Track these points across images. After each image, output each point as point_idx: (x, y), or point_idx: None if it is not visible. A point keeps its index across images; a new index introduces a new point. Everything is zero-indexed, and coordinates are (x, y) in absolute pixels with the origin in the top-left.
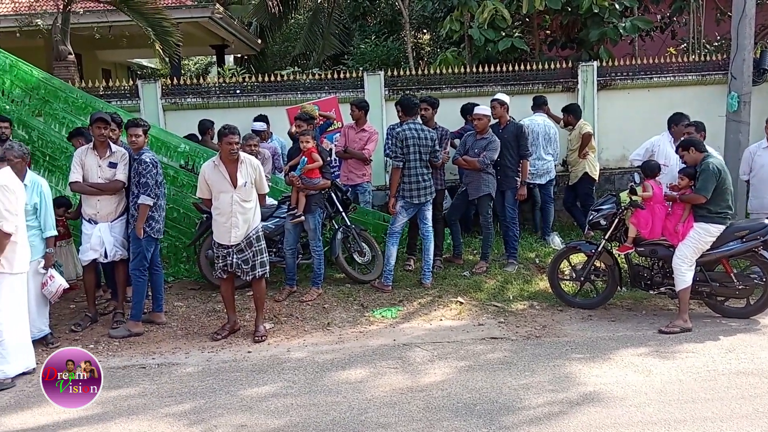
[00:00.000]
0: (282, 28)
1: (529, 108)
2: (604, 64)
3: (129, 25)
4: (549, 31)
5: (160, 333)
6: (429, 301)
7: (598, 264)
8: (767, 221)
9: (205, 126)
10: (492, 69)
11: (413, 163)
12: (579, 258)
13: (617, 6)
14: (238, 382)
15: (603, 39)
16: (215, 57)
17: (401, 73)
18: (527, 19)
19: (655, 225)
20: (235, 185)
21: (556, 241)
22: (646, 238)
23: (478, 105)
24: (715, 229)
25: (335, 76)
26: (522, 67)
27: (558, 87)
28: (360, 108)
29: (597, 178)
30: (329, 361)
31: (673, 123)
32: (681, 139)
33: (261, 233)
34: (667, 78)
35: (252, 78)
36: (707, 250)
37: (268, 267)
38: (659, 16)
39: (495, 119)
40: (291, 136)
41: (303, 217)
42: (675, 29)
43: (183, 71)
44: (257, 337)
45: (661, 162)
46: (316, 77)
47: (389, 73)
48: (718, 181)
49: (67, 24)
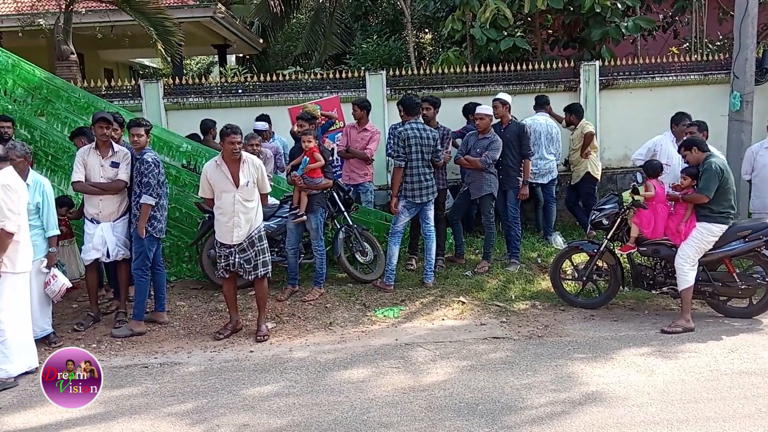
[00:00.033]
0: (284, 27)
1: (531, 107)
2: (606, 63)
3: (131, 25)
4: (551, 31)
5: (162, 332)
6: (431, 301)
7: (600, 264)
8: None
9: (207, 126)
10: (494, 68)
11: (415, 163)
12: (581, 258)
13: (619, 5)
14: (240, 381)
15: (605, 38)
16: (217, 57)
17: (403, 73)
18: (529, 19)
19: (658, 225)
20: (238, 185)
21: (558, 241)
22: (648, 237)
23: (480, 104)
24: (718, 229)
25: (337, 75)
26: (524, 67)
27: (560, 86)
28: (362, 108)
29: (599, 177)
30: (331, 361)
31: (674, 123)
32: (683, 139)
33: (263, 233)
34: (670, 77)
35: (254, 78)
36: (710, 249)
37: (270, 266)
38: (661, 15)
39: (497, 119)
40: (293, 135)
41: (305, 217)
42: (677, 28)
43: (185, 71)
44: (259, 337)
45: (664, 161)
46: (318, 77)
47: (391, 73)
48: (720, 181)
49: (70, 24)
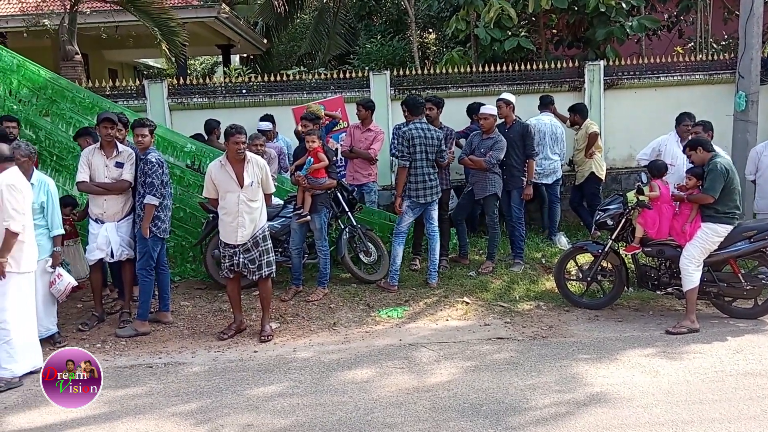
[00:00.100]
0: (288, 27)
1: (536, 107)
2: (610, 63)
3: (135, 25)
4: (555, 30)
5: (166, 332)
6: (435, 301)
7: (604, 264)
8: None
9: (212, 126)
10: (498, 68)
11: (419, 163)
12: (586, 258)
13: (624, 5)
14: (244, 381)
15: (610, 38)
16: (221, 57)
17: (407, 73)
18: (533, 18)
19: (663, 225)
20: (242, 185)
21: (562, 241)
22: (653, 238)
23: (484, 104)
24: (723, 230)
25: (341, 75)
26: (528, 67)
27: (564, 86)
28: (366, 108)
29: (604, 177)
30: (335, 361)
31: (678, 123)
32: (689, 139)
33: (267, 233)
34: (674, 77)
35: (258, 78)
36: (715, 250)
37: (274, 267)
38: (666, 15)
39: (501, 119)
40: (297, 135)
41: (309, 217)
42: (682, 28)
43: (189, 71)
44: (263, 337)
45: (668, 162)
46: (321, 77)
47: (395, 73)
48: (726, 181)
49: (74, 24)
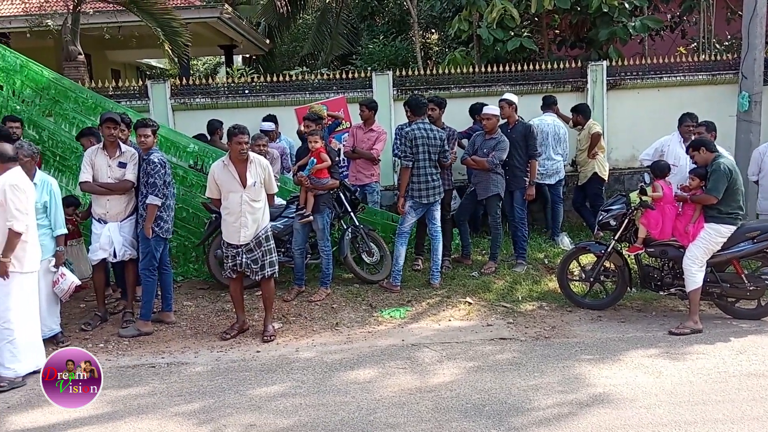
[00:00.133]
0: (290, 28)
1: (539, 108)
2: (613, 63)
3: (138, 26)
4: (558, 31)
5: (169, 332)
6: (437, 302)
7: (607, 264)
8: None
9: (214, 126)
10: (501, 69)
11: (422, 163)
12: (588, 258)
13: (627, 5)
14: (247, 381)
15: (612, 38)
16: (224, 57)
17: (409, 73)
18: (536, 19)
19: (666, 225)
20: (245, 185)
21: (565, 242)
22: (656, 238)
23: (486, 105)
24: (726, 230)
25: (343, 76)
26: (531, 67)
27: (567, 87)
28: (370, 108)
29: (606, 178)
30: (338, 361)
31: (679, 123)
32: (692, 140)
33: (270, 233)
34: (677, 77)
35: (260, 78)
36: (718, 250)
37: (277, 267)
38: (669, 15)
39: (503, 119)
40: (300, 135)
41: (311, 217)
42: (685, 28)
43: (192, 71)
44: (266, 337)
45: (671, 162)
46: (324, 77)
47: (397, 73)
48: (729, 182)
49: (77, 24)
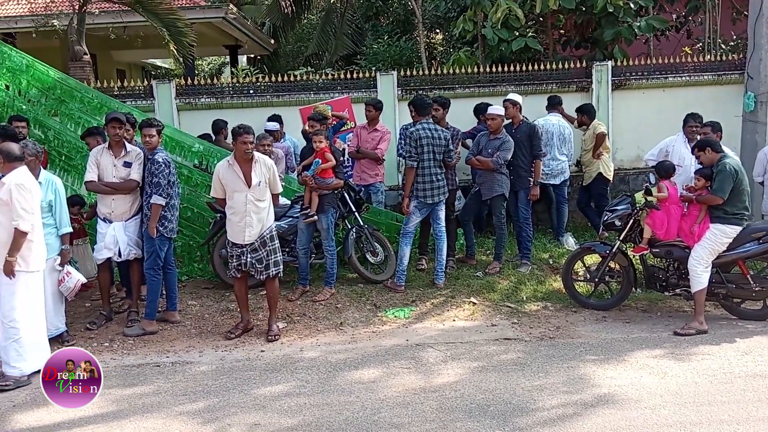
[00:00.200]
0: (295, 28)
1: (543, 108)
2: (618, 63)
3: (143, 26)
4: (563, 31)
5: (174, 332)
6: (442, 302)
7: (612, 265)
8: None
9: (219, 126)
10: (505, 69)
11: (427, 163)
12: (593, 259)
13: (632, 5)
14: (251, 381)
15: (617, 38)
16: (228, 57)
17: (414, 73)
18: (541, 19)
19: (671, 226)
20: (250, 185)
21: (569, 242)
22: (661, 239)
23: (491, 105)
24: (732, 231)
25: (348, 76)
26: (536, 67)
27: (572, 87)
28: (377, 108)
29: (611, 178)
30: (342, 361)
31: (683, 124)
32: (698, 140)
33: (275, 232)
34: (683, 78)
35: (265, 78)
36: (723, 251)
37: (281, 266)
38: (674, 15)
39: (508, 119)
40: (304, 135)
41: (316, 217)
42: (690, 28)
43: (197, 71)
44: (270, 337)
45: (675, 162)
46: (328, 77)
47: (402, 73)
48: (735, 182)
49: (83, 24)
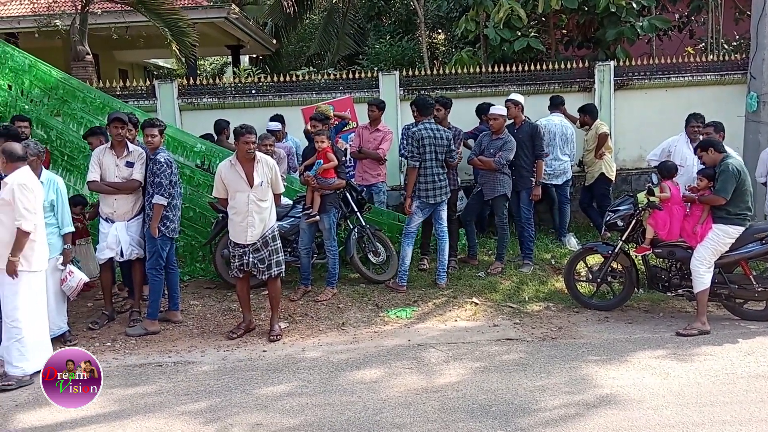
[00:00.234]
0: (297, 28)
1: (546, 108)
2: (621, 63)
3: (146, 26)
4: (565, 31)
5: (176, 331)
6: (444, 302)
7: (614, 265)
8: None
9: (221, 126)
10: (507, 69)
11: (429, 163)
12: (595, 259)
13: (634, 5)
14: (253, 380)
15: (620, 38)
16: (231, 57)
17: (416, 73)
18: (543, 19)
19: (673, 226)
20: (252, 185)
21: (572, 242)
22: (663, 239)
23: (493, 105)
24: (734, 231)
25: (350, 76)
26: (538, 67)
27: (574, 87)
28: (380, 108)
29: (613, 178)
30: (344, 361)
31: (685, 124)
32: (700, 140)
33: (277, 232)
34: (685, 78)
35: (267, 78)
36: (726, 251)
37: (283, 266)
38: (677, 15)
39: (510, 119)
40: (306, 134)
41: (318, 217)
42: (693, 28)
43: (199, 71)
44: (272, 337)
45: (677, 162)
46: (331, 77)
47: (404, 73)
48: (737, 183)
49: (85, 25)
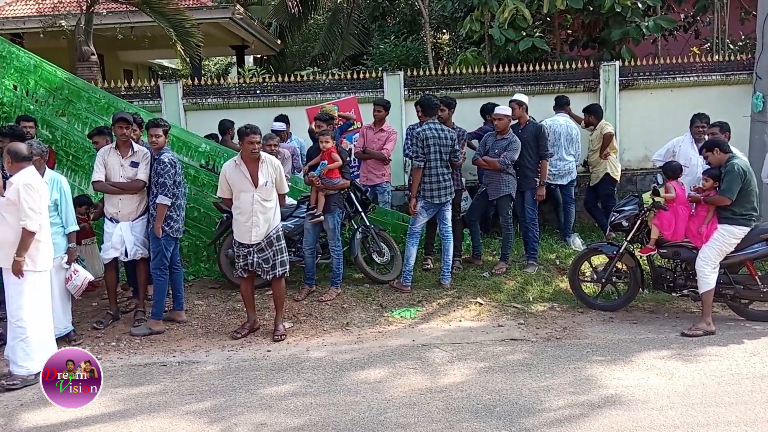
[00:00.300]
0: (301, 28)
1: (551, 108)
2: (626, 63)
3: (151, 26)
4: (570, 31)
5: (180, 331)
6: (448, 302)
7: (619, 265)
8: None
9: (226, 126)
10: (512, 69)
11: (434, 163)
12: (600, 259)
13: (640, 5)
14: (257, 380)
15: (625, 38)
16: (235, 57)
17: (421, 74)
18: (548, 19)
19: (678, 226)
20: (256, 185)
21: (576, 243)
22: (668, 239)
23: (498, 105)
24: (740, 231)
25: (354, 76)
26: (543, 67)
27: (579, 87)
28: (386, 109)
29: (618, 178)
30: (348, 361)
31: (690, 124)
32: (705, 140)
33: (281, 232)
34: (691, 78)
35: (272, 78)
36: (731, 252)
37: (288, 266)
38: (683, 15)
39: (514, 120)
40: (311, 134)
41: (322, 217)
42: (698, 28)
43: (203, 72)
44: (276, 336)
45: (682, 163)
46: (335, 77)
47: (409, 74)
48: (743, 183)
49: (90, 25)
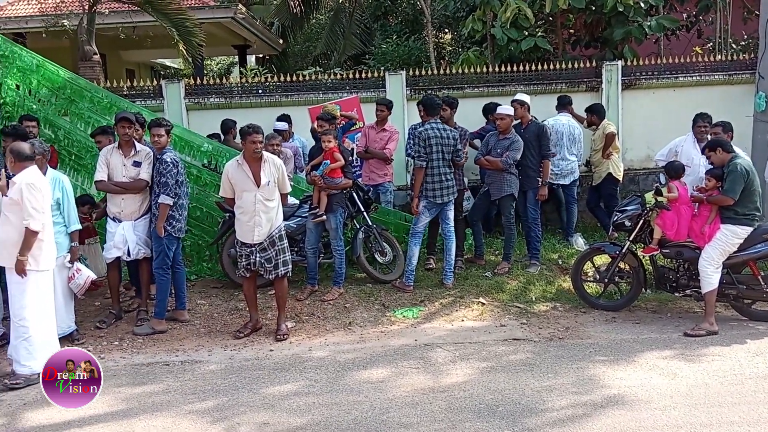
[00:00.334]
0: (303, 28)
1: (553, 108)
2: (628, 63)
3: (153, 26)
4: (572, 30)
5: (183, 331)
6: (450, 302)
7: (622, 265)
8: None
9: (228, 125)
10: (514, 68)
11: (436, 163)
12: (603, 259)
13: (642, 5)
14: (260, 380)
15: (627, 38)
16: (237, 57)
17: (423, 73)
18: (550, 18)
19: (681, 226)
20: (259, 184)
21: (579, 242)
22: (671, 239)
23: (500, 105)
24: (743, 231)
25: (357, 75)
26: (545, 67)
27: (582, 86)
28: (389, 108)
29: (621, 178)
30: (351, 361)
31: (692, 124)
32: (708, 140)
33: (284, 232)
34: (693, 77)
35: (274, 78)
36: (734, 252)
37: (290, 266)
38: (685, 14)
39: (516, 120)
40: (313, 134)
41: (324, 217)
42: (701, 28)
43: (206, 71)
44: (279, 336)
45: (684, 162)
46: (337, 77)
47: (411, 73)
48: (746, 183)
49: (93, 24)
